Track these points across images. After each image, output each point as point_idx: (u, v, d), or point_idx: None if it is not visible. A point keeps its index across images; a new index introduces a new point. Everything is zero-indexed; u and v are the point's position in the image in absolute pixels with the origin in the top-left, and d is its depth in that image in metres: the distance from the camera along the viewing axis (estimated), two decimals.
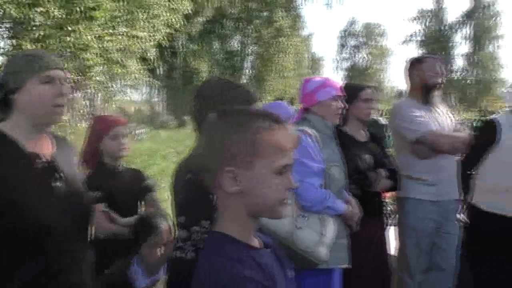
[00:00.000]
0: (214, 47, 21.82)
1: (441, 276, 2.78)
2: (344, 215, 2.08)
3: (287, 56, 20.42)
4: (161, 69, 19.15)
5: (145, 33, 9.15)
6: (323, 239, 1.90)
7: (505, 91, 34.00)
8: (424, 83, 2.75)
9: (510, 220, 2.87)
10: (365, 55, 49.42)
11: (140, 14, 8.85)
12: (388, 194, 3.73)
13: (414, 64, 2.83)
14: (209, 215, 1.33)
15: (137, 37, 8.85)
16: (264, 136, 0.91)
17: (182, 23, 11.97)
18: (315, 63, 50.77)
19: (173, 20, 10.82)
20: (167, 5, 10.22)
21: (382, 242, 2.74)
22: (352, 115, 2.61)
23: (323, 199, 1.95)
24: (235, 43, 21.77)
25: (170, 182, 1.64)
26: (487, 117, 3.20)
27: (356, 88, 2.64)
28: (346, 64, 50.05)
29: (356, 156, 2.50)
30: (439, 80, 2.76)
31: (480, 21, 37.53)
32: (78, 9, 7.29)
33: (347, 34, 49.56)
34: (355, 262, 2.53)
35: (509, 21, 56.13)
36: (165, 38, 11.24)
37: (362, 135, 2.65)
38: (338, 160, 2.14)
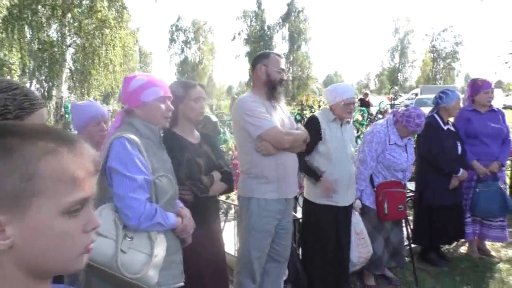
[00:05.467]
0: (26, 36, 19.01)
1: (277, 266, 2.84)
2: (176, 228, 1.87)
3: (114, 49, 19.04)
4: None
5: None
6: (152, 260, 1.66)
7: (315, 86, 38.82)
8: (269, 79, 2.71)
9: (339, 209, 3.10)
10: (195, 51, 50.14)
11: None
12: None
13: (259, 59, 2.76)
14: None
15: None
16: (45, 164, 0.62)
17: None
18: (144, 57, 49.36)
19: None
20: None
21: (219, 245, 2.63)
22: (182, 115, 2.41)
23: (151, 215, 1.69)
24: (52, 33, 19.32)
25: None
26: (311, 114, 3.39)
27: (185, 86, 2.44)
28: (177, 59, 50.04)
29: (189, 160, 2.32)
30: (282, 76, 2.75)
31: (294, 24, 41.81)
32: None
33: (176, 29, 49.42)
34: (194, 269, 2.39)
35: (317, 25, 63.91)
36: None
37: (194, 137, 2.47)
38: (167, 169, 1.91)
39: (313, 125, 3.06)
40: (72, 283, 2.19)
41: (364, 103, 16.24)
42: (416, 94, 25.48)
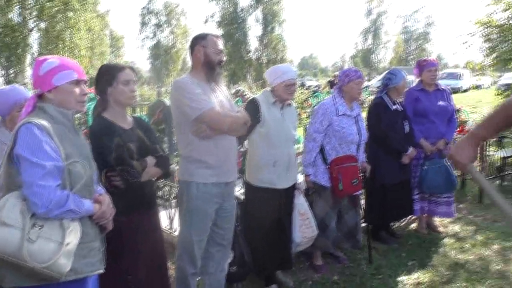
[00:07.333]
0: None
1: (220, 250, 2.84)
2: (94, 215, 1.83)
3: (78, 32, 18.46)
4: None
5: None
6: (63, 248, 1.62)
7: None
8: (207, 60, 2.65)
9: (279, 191, 3.11)
10: (168, 34, 49.23)
11: None
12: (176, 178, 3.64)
13: (196, 41, 2.70)
14: None
15: None
16: None
17: None
18: (115, 41, 48.16)
19: None
20: None
21: (157, 229, 2.61)
22: (112, 99, 2.36)
23: (62, 202, 1.65)
24: (13, 16, 18.58)
25: None
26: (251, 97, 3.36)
27: (114, 68, 2.37)
28: (150, 43, 49.09)
29: (119, 146, 2.28)
30: (221, 58, 2.70)
31: (268, 6, 41.36)
32: None
33: (147, 12, 48.31)
34: (130, 258, 2.37)
35: (291, 7, 63.54)
36: None
37: (126, 122, 2.42)
38: (83, 154, 1.85)
39: (252, 108, 3.04)
40: None
41: (333, 85, 16.33)
42: None
